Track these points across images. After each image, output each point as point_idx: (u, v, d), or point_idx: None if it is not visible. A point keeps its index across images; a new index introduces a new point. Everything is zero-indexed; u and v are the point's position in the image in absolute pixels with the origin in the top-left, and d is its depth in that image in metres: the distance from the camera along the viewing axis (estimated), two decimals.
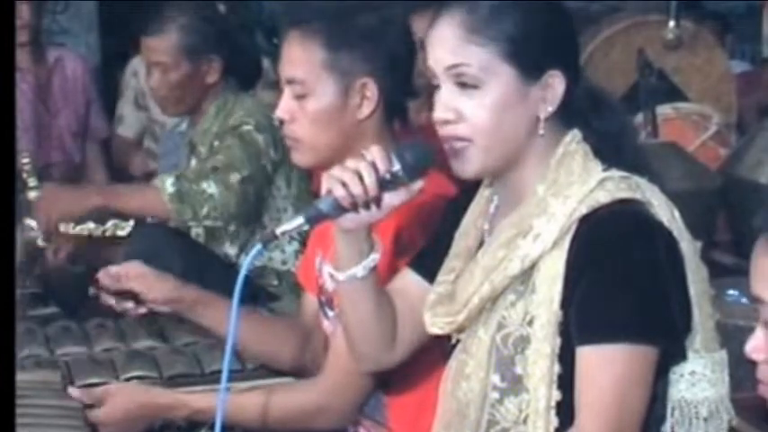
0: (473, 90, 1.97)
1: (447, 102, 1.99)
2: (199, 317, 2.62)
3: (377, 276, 2.13)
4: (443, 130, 2.00)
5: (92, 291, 2.66)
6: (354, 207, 2.01)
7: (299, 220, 2.00)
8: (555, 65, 1.98)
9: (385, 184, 2.01)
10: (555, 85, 1.98)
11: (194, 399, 2.47)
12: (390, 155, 2.02)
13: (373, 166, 2.00)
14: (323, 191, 2.04)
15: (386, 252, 2.22)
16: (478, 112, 1.97)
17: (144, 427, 2.48)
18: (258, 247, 1.97)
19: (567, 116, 2.02)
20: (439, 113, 2.00)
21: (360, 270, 2.09)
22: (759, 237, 1.66)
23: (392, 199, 2.04)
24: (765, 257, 1.64)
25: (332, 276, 2.15)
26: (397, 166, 2.01)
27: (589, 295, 1.90)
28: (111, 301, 2.63)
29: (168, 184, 3.30)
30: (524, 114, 1.98)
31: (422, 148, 2.03)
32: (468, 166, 2.01)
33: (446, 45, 2.00)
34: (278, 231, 1.99)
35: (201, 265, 3.28)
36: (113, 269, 2.62)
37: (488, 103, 1.97)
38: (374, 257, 2.10)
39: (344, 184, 1.99)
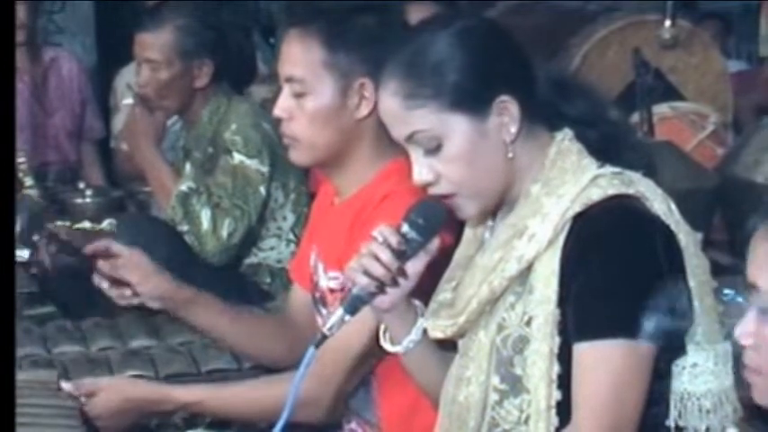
0: (436, 149, 1.99)
1: (420, 166, 2.01)
2: (190, 317, 2.62)
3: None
4: (429, 191, 2.03)
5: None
6: (382, 289, 2.04)
7: (340, 312, 2.03)
8: (501, 90, 1.98)
9: (403, 255, 2.03)
10: (508, 107, 1.98)
11: (182, 393, 2.47)
12: (401, 222, 2.04)
13: (385, 243, 2.02)
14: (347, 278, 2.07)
15: None
16: (450, 168, 1.99)
17: (135, 420, 2.49)
18: (312, 350, 2.03)
19: (538, 111, 2.02)
20: (417, 178, 2.02)
21: (414, 336, 2.12)
22: (760, 226, 1.67)
23: (415, 265, 2.06)
24: (760, 243, 1.65)
25: (393, 353, 2.17)
26: (412, 233, 2.03)
27: (585, 292, 1.91)
28: (105, 284, 2.61)
29: (182, 188, 3.37)
30: (493, 147, 1.99)
31: (430, 207, 2.05)
32: (465, 212, 2.04)
33: (393, 117, 2.03)
34: (325, 330, 2.04)
35: (185, 255, 3.31)
36: (114, 247, 2.59)
37: (455, 156, 1.98)
38: (421, 321, 2.11)
39: (365, 272, 2.01)
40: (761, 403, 1.72)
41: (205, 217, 3.33)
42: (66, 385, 2.50)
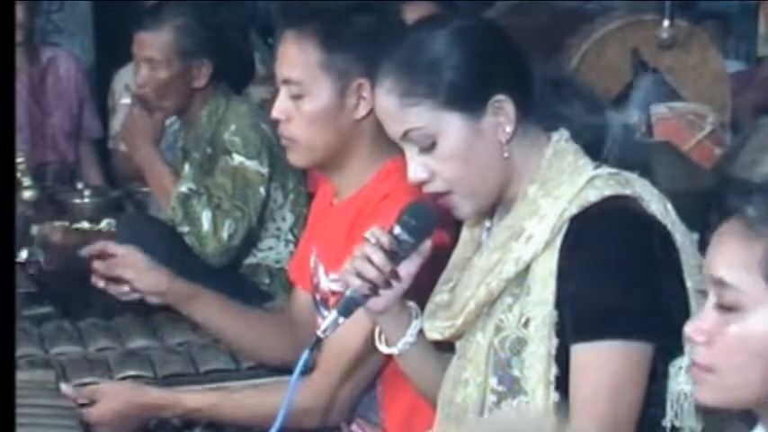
0: (431, 147, 1.99)
1: (415, 164, 2.02)
2: (189, 311, 2.63)
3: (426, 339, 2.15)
4: (424, 189, 2.03)
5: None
6: (375, 291, 2.04)
7: (334, 314, 2.05)
8: (496, 90, 1.98)
9: (396, 257, 2.04)
10: (504, 107, 1.98)
11: (188, 398, 2.47)
12: (393, 224, 2.05)
13: (378, 245, 2.02)
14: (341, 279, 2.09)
15: None
16: (444, 166, 2.00)
17: (137, 425, 2.48)
18: (307, 353, 2.05)
19: (534, 111, 2.02)
20: (412, 176, 2.03)
21: (409, 338, 2.13)
22: (728, 218, 1.66)
23: (408, 267, 2.07)
24: (734, 239, 1.64)
25: (391, 355, 2.19)
26: (404, 235, 2.04)
27: (582, 293, 1.91)
28: (101, 283, 2.62)
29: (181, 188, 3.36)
30: (488, 146, 2.00)
31: (423, 209, 2.07)
32: (462, 211, 2.04)
33: (389, 115, 2.03)
34: (320, 333, 2.06)
35: (184, 254, 3.31)
36: (110, 247, 2.62)
37: (449, 154, 1.99)
38: (416, 323, 2.12)
39: (358, 274, 2.02)
40: (707, 403, 1.69)
41: (206, 218, 3.33)
42: (66, 389, 2.50)
